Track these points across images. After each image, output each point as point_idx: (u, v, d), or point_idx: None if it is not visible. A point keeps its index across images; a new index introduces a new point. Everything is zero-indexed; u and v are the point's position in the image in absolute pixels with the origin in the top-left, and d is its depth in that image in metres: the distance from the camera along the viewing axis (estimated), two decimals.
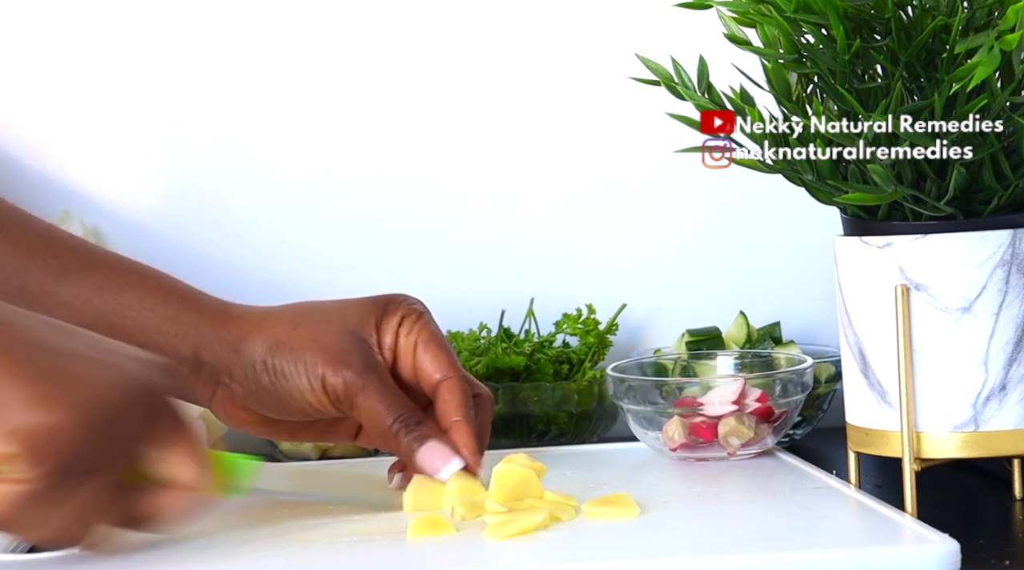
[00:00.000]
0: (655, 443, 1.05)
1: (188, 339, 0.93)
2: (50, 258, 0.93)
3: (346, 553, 0.83)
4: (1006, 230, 0.88)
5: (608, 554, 0.81)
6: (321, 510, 0.92)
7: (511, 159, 1.27)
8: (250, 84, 1.26)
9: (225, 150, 1.26)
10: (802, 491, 0.93)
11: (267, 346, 0.92)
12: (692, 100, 0.93)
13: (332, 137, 1.26)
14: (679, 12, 0.93)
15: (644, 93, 0.98)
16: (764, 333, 1.22)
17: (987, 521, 0.93)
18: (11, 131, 1.25)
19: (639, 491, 0.94)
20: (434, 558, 0.82)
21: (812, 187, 0.92)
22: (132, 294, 0.93)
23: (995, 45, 0.82)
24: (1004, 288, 0.88)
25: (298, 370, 0.91)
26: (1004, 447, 0.89)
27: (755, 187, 1.10)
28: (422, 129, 1.27)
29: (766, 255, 1.28)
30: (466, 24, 1.27)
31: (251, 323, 0.93)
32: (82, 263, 0.93)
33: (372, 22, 1.26)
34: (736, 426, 1.02)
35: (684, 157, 0.94)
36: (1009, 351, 0.89)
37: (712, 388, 1.03)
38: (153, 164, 1.26)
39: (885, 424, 0.91)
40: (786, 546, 0.81)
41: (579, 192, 1.27)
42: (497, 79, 1.27)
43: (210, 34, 1.26)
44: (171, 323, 0.93)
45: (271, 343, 0.92)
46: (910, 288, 0.89)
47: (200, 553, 0.84)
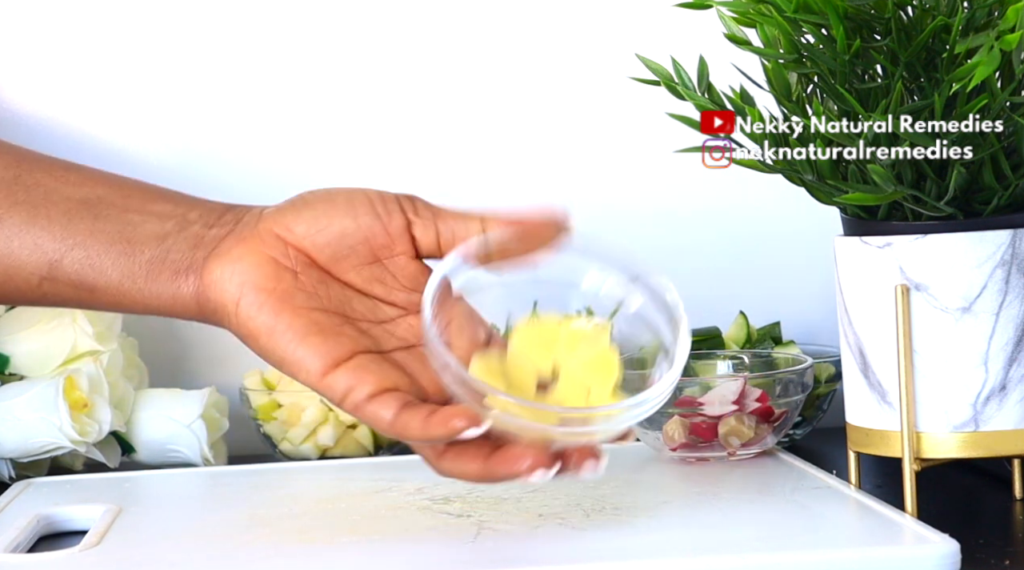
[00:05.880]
0: (655, 443, 1.05)
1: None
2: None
3: (346, 553, 0.83)
4: (1006, 230, 0.88)
5: (608, 554, 0.81)
6: (321, 510, 0.92)
7: (511, 159, 1.27)
8: (249, 84, 1.26)
9: (225, 148, 1.26)
10: (802, 491, 0.93)
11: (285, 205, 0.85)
12: (692, 100, 0.93)
13: (332, 138, 1.27)
14: (679, 12, 0.93)
15: (644, 93, 0.98)
16: (764, 333, 1.22)
17: (987, 521, 0.93)
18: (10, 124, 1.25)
19: (639, 491, 0.94)
20: (434, 558, 0.82)
21: (812, 187, 0.92)
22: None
23: (995, 45, 0.82)
24: (1004, 288, 0.88)
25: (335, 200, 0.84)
26: (1004, 447, 0.89)
27: (755, 187, 1.10)
28: (422, 129, 1.27)
29: (766, 255, 1.28)
30: (465, 25, 1.27)
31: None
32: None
33: (372, 22, 1.26)
34: (736, 426, 1.02)
35: (684, 157, 0.94)
36: (1009, 351, 0.89)
37: (712, 388, 1.03)
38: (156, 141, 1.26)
39: (885, 424, 0.91)
40: (786, 546, 0.81)
41: (579, 192, 1.27)
42: (497, 79, 1.27)
43: (210, 34, 1.26)
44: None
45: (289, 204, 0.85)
46: (910, 288, 0.89)
47: (200, 553, 0.84)
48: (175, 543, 0.87)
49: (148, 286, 0.83)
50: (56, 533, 0.94)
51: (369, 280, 0.83)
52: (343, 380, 0.80)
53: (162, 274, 0.83)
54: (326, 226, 0.82)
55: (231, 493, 1.00)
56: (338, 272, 0.83)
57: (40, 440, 1.08)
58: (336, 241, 0.82)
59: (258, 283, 0.81)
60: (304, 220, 0.83)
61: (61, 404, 1.07)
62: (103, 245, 0.84)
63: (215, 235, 0.83)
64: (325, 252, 0.82)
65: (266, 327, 0.81)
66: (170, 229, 0.84)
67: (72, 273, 0.84)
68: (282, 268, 0.82)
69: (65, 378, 1.09)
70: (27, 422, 1.08)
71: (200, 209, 0.85)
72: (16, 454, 1.09)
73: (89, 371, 1.10)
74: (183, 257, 0.83)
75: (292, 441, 1.15)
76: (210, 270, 0.82)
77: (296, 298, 0.81)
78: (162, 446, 1.13)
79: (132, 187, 0.86)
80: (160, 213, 0.85)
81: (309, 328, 0.80)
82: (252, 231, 0.83)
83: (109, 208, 0.85)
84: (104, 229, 0.84)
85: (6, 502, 0.98)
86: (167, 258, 0.83)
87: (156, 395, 1.15)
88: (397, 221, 0.83)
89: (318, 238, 0.82)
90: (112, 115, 1.25)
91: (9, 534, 0.89)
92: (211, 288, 0.82)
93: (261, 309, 0.81)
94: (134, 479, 1.05)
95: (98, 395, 1.10)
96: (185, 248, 0.83)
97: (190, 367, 1.25)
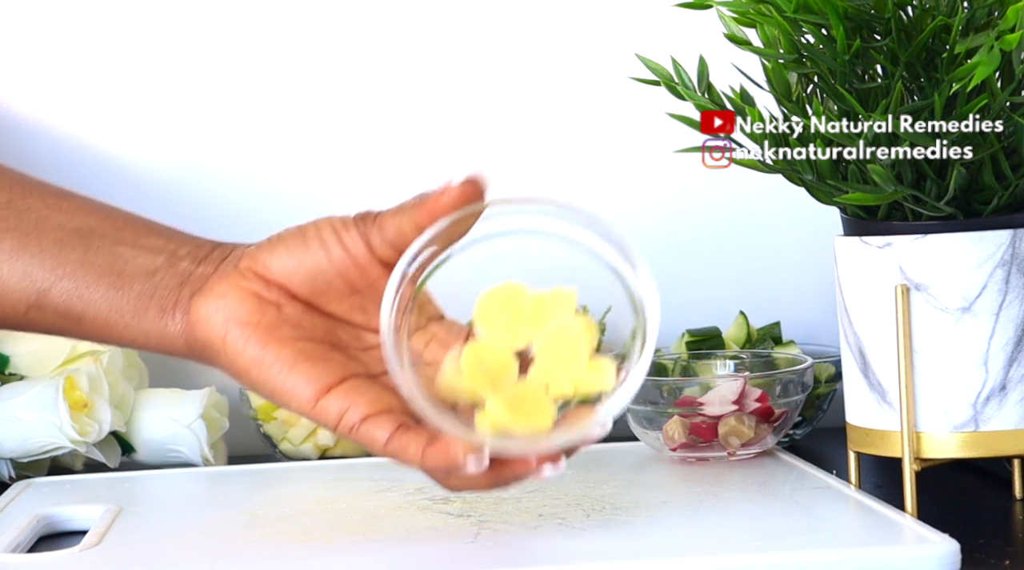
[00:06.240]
0: (655, 443, 1.05)
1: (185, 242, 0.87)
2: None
3: (346, 553, 0.83)
4: (1006, 230, 0.88)
5: (608, 554, 0.81)
6: (321, 510, 0.92)
7: (510, 159, 1.27)
8: (248, 83, 1.26)
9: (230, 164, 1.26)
10: (802, 491, 0.93)
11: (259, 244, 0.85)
12: (692, 100, 0.93)
13: (332, 139, 1.27)
14: (679, 12, 0.93)
15: (644, 93, 0.98)
16: (764, 333, 1.22)
17: (987, 521, 0.93)
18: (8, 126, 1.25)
19: (639, 491, 0.94)
20: (434, 558, 0.82)
21: (812, 187, 0.92)
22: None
23: (995, 45, 0.82)
24: (1004, 288, 0.88)
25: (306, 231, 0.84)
26: (1004, 447, 0.89)
27: (755, 187, 1.10)
28: (421, 130, 1.27)
29: (766, 255, 1.28)
30: (465, 25, 1.27)
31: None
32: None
33: (371, 23, 1.26)
34: (736, 426, 1.02)
35: (684, 157, 0.94)
36: (1009, 351, 0.89)
37: (712, 388, 1.03)
38: (150, 160, 1.26)
39: (885, 424, 0.91)
40: (786, 546, 0.81)
41: (579, 192, 1.27)
42: (497, 80, 1.27)
43: (215, 49, 1.26)
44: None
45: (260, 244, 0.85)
46: (910, 288, 0.89)
47: (200, 553, 0.84)
48: (175, 543, 0.87)
49: (135, 322, 0.83)
50: (56, 533, 0.94)
51: (350, 309, 0.84)
52: (336, 404, 0.80)
53: (149, 310, 0.83)
54: (300, 263, 0.83)
55: (231, 493, 0.99)
56: (319, 304, 0.83)
57: (40, 440, 1.08)
58: (313, 277, 0.83)
59: (242, 318, 0.82)
60: (278, 257, 0.83)
61: (61, 404, 1.07)
62: (93, 277, 0.84)
63: (202, 273, 0.84)
64: (304, 288, 0.83)
65: (255, 360, 0.81)
66: (160, 264, 0.84)
67: (60, 303, 0.84)
68: (265, 302, 0.82)
69: (65, 378, 1.09)
70: (27, 422, 1.08)
71: (190, 245, 0.85)
72: (16, 454, 1.09)
73: (89, 371, 1.10)
74: (170, 294, 0.83)
75: (292, 441, 1.15)
76: (196, 308, 0.82)
77: (281, 329, 0.82)
78: (162, 446, 1.13)
79: (124, 220, 0.86)
80: (151, 248, 0.85)
81: (297, 357, 0.81)
82: (233, 269, 0.83)
83: (101, 240, 0.85)
84: (95, 261, 0.84)
85: (6, 502, 0.98)
86: (155, 294, 0.83)
87: (156, 395, 1.15)
88: (360, 246, 0.83)
89: (294, 276, 0.83)
90: (118, 130, 1.25)
91: (9, 534, 0.89)
92: (198, 326, 0.82)
93: (248, 343, 0.81)
94: (134, 479, 1.05)
95: (98, 395, 1.10)
96: (173, 285, 0.83)
97: (190, 367, 1.25)
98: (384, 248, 0.82)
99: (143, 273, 0.84)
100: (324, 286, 0.83)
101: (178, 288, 0.83)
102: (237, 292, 0.82)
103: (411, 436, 0.79)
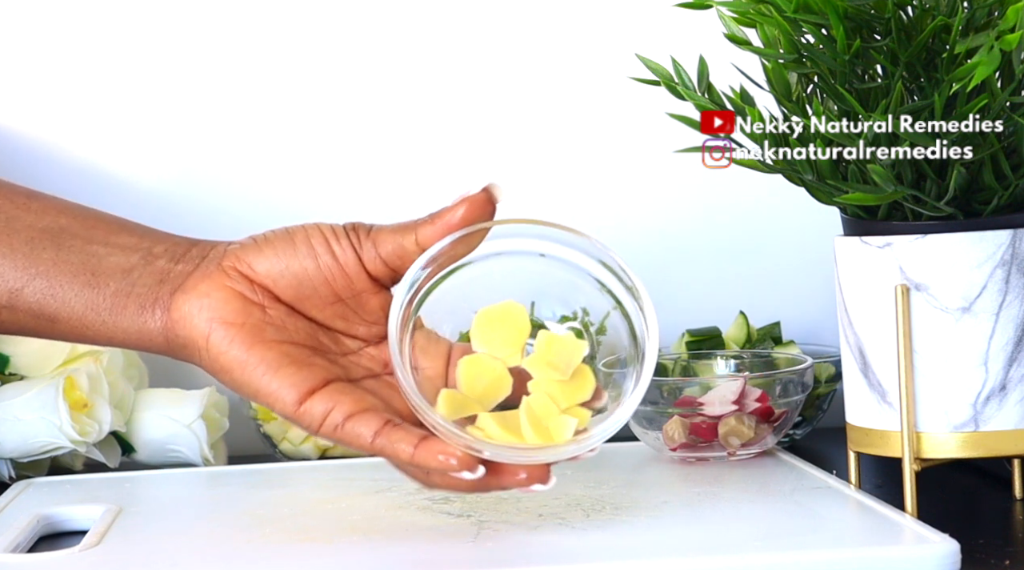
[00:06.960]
0: (655, 443, 1.05)
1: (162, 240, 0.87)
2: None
3: (346, 553, 0.83)
4: (1006, 230, 0.88)
5: (608, 554, 0.81)
6: (321, 510, 0.92)
7: (510, 159, 1.27)
8: (239, 93, 1.26)
9: (223, 150, 1.26)
10: (802, 491, 0.93)
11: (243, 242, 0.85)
12: (692, 100, 0.93)
13: (324, 147, 1.26)
14: (679, 12, 0.93)
15: (644, 93, 0.98)
16: (764, 333, 1.22)
17: (987, 521, 0.93)
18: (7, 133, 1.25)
19: (639, 491, 0.94)
20: (434, 558, 0.82)
21: (812, 187, 0.92)
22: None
23: (995, 45, 0.82)
24: (1004, 288, 0.88)
25: (294, 236, 0.84)
26: (1004, 447, 0.89)
27: (755, 187, 1.10)
28: (421, 131, 1.27)
29: (766, 255, 1.28)
30: (464, 26, 1.27)
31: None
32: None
33: (371, 23, 1.26)
34: (736, 426, 1.02)
35: (684, 157, 0.94)
36: (1009, 351, 0.89)
37: (712, 388, 1.03)
38: (149, 166, 1.26)
39: (885, 424, 0.91)
40: (786, 546, 0.81)
41: (578, 192, 1.27)
42: (497, 80, 1.27)
43: (207, 60, 1.26)
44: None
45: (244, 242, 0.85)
46: (910, 288, 0.89)
47: (200, 553, 0.84)
48: (175, 543, 0.87)
49: (113, 319, 0.83)
50: (56, 533, 0.94)
51: (331, 316, 0.84)
52: (319, 405, 0.80)
53: (127, 308, 0.83)
54: (287, 267, 0.83)
55: (231, 493, 0.99)
56: (302, 309, 0.84)
57: (40, 440, 1.08)
58: (299, 282, 0.83)
59: (227, 318, 0.82)
60: (265, 258, 0.83)
61: (61, 404, 1.07)
62: (67, 276, 0.84)
63: (181, 271, 0.83)
64: (288, 292, 0.83)
65: (238, 361, 0.81)
66: (135, 262, 0.84)
67: (33, 303, 0.84)
68: (250, 303, 0.82)
69: (65, 378, 1.09)
70: (27, 422, 1.08)
71: (166, 243, 0.85)
72: (16, 454, 1.09)
73: (89, 371, 1.10)
74: (149, 291, 0.83)
75: (292, 441, 1.15)
76: (177, 306, 0.82)
77: (266, 332, 0.82)
78: (162, 446, 1.13)
79: (95, 218, 0.86)
80: (125, 246, 0.85)
81: (281, 360, 0.81)
82: (216, 267, 0.83)
83: (73, 239, 0.85)
84: (68, 260, 0.84)
85: (6, 502, 0.98)
86: (132, 292, 0.83)
87: (156, 395, 1.15)
88: (350, 257, 0.83)
89: (280, 279, 0.83)
90: (107, 141, 1.25)
91: (9, 534, 0.89)
92: (179, 324, 0.82)
93: (232, 344, 0.81)
94: (134, 479, 1.05)
95: (98, 395, 1.10)
96: (151, 282, 0.83)
97: (190, 367, 1.24)
98: (376, 263, 0.83)
99: (118, 271, 0.84)
100: (309, 292, 0.83)
101: (157, 286, 0.83)
102: (222, 292, 0.82)
103: (401, 433, 0.80)
